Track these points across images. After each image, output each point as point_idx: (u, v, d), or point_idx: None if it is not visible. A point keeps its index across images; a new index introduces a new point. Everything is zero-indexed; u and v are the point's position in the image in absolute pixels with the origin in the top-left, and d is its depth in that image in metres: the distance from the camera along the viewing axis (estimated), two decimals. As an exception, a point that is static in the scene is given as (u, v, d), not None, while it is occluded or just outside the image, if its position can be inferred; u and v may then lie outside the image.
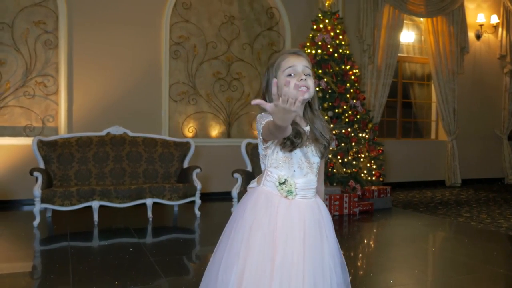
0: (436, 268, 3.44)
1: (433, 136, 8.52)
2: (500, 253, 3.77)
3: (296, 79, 1.56)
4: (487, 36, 8.48)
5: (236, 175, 4.74)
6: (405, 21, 7.86)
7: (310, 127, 1.62)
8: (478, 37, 8.39)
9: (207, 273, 1.62)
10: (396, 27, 7.51)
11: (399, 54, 7.84)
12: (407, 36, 8.12)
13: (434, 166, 8.20)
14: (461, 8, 8.02)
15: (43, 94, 5.70)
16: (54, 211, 4.89)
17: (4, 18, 5.51)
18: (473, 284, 3.05)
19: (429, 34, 7.92)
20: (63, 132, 5.64)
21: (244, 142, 5.13)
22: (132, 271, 3.12)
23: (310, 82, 1.59)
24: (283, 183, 1.58)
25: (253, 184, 1.68)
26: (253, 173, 5.04)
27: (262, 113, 1.57)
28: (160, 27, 6.18)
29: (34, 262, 3.49)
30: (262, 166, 1.65)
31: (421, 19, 7.96)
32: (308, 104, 1.66)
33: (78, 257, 3.46)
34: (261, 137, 1.60)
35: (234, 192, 4.66)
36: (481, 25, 8.32)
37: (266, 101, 1.60)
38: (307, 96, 1.57)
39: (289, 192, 1.57)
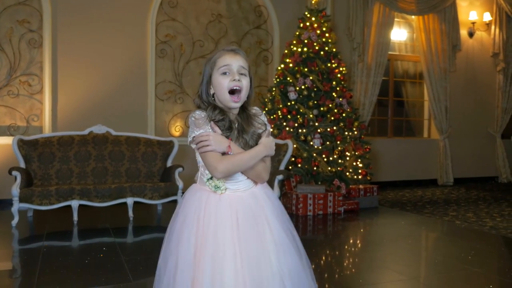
0: (410, 267, 3.39)
1: (425, 134, 8.45)
2: (479, 252, 3.71)
3: (229, 79, 1.60)
4: (480, 33, 8.41)
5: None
6: (397, 19, 7.81)
7: (237, 124, 1.65)
8: (470, 34, 8.31)
9: (157, 266, 1.67)
10: (387, 25, 7.45)
11: (390, 52, 7.79)
12: (399, 34, 8.05)
13: (426, 165, 8.14)
14: (453, 6, 7.95)
15: (27, 93, 5.68)
16: (36, 210, 4.87)
17: (-12, 17, 5.50)
18: (444, 283, 3.00)
19: (420, 32, 7.86)
20: (47, 131, 5.62)
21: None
22: (100, 271, 3.09)
23: (244, 82, 1.62)
24: (210, 178, 1.61)
25: (196, 177, 1.71)
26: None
27: (194, 115, 1.60)
28: (146, 25, 6.15)
29: (2, 263, 3.45)
30: (198, 163, 1.68)
31: (413, 16, 7.89)
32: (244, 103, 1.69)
33: (49, 257, 3.43)
34: (190, 139, 1.63)
35: (215, 191, 4.61)
36: (473, 23, 8.24)
37: (201, 95, 1.67)
38: (239, 105, 1.63)
39: (216, 187, 1.60)
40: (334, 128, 5.63)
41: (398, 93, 8.26)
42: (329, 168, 5.51)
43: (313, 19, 5.99)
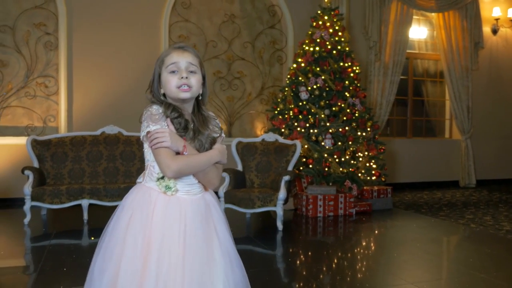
0: (413, 271, 3.29)
1: (447, 135, 8.23)
2: (489, 257, 3.57)
3: (177, 77, 1.55)
4: (504, 30, 8.12)
5: (224, 174, 4.69)
6: (416, 16, 7.63)
7: (193, 125, 1.60)
8: (494, 31, 8.04)
9: (88, 276, 1.57)
10: (405, 23, 7.28)
11: (409, 51, 7.62)
12: (419, 32, 7.86)
13: (447, 166, 7.91)
14: (475, 2, 7.70)
15: (44, 94, 5.82)
16: (49, 209, 4.98)
17: (6, 20, 5.66)
18: (446, 289, 2.90)
19: (440, 29, 7.65)
20: (63, 132, 5.75)
21: (234, 141, 5.08)
22: (99, 270, 3.12)
23: (193, 80, 1.57)
24: (161, 178, 1.54)
25: (140, 178, 1.64)
26: (243, 172, 4.99)
27: (151, 110, 1.55)
28: (159, 27, 6.21)
29: (4, 260, 3.51)
30: (146, 162, 1.61)
31: (432, 13, 7.69)
32: (196, 100, 1.65)
33: (53, 255, 3.49)
34: (144, 134, 1.55)
35: (221, 192, 4.61)
36: (497, 19, 7.97)
37: (153, 92, 1.62)
38: (189, 95, 1.57)
39: (167, 187, 1.53)
40: (346, 128, 5.54)
41: (418, 93, 8.07)
42: (341, 169, 5.43)
43: (326, 17, 5.91)
